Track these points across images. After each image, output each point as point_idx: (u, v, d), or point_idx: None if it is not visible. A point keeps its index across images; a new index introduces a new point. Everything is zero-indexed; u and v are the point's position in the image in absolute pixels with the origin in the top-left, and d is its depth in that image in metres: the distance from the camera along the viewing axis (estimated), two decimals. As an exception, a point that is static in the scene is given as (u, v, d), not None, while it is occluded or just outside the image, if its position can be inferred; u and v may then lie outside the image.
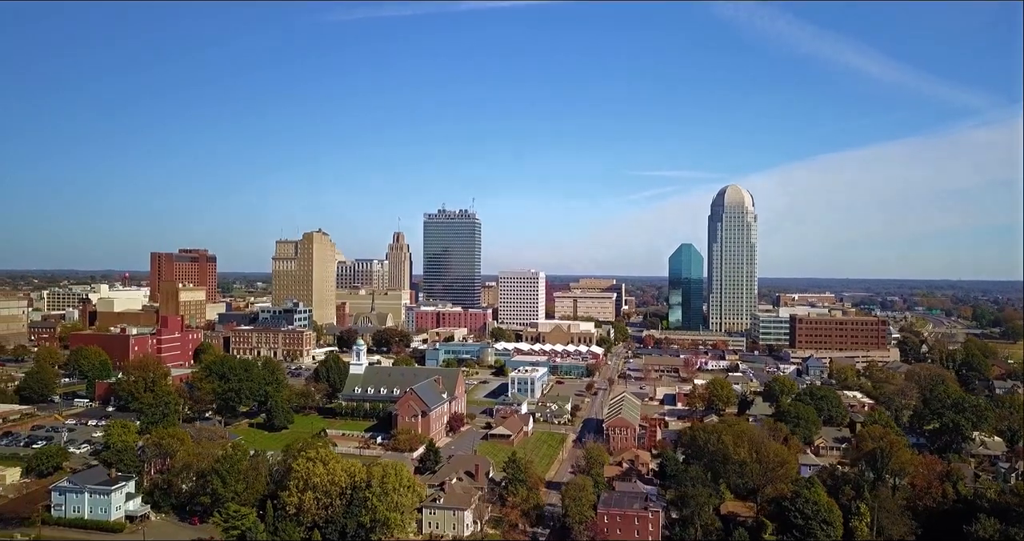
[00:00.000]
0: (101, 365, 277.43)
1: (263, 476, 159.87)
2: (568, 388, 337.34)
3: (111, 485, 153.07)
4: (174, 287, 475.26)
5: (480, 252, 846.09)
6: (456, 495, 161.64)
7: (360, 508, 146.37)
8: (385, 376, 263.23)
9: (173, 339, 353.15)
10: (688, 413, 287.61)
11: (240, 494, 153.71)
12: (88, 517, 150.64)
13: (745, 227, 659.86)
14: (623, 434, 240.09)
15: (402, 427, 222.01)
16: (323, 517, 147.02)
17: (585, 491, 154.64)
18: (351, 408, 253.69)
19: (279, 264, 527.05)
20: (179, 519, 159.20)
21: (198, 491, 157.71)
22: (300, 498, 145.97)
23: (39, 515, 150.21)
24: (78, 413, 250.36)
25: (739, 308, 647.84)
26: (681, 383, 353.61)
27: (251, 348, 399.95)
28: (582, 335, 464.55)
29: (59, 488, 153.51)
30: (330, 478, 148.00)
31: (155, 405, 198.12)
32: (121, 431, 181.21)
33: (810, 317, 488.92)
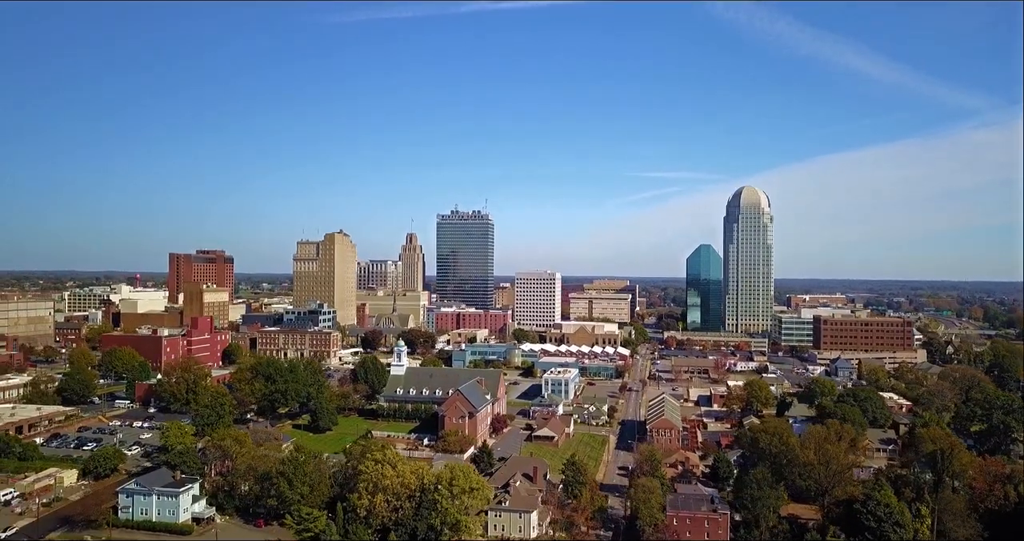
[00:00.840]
0: (140, 367, 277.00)
1: (326, 478, 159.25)
2: (600, 389, 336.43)
3: (179, 487, 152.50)
4: (198, 288, 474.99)
5: (493, 253, 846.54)
6: (521, 497, 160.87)
7: (430, 510, 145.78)
8: (426, 377, 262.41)
9: (203, 340, 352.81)
10: (725, 414, 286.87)
11: (305, 496, 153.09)
12: (156, 519, 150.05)
13: (761, 228, 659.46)
14: (667, 436, 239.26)
15: (449, 428, 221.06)
16: (392, 519, 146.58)
17: (654, 493, 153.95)
18: (393, 409, 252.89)
19: (300, 265, 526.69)
20: (244, 521, 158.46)
21: (263, 493, 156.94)
22: (371, 500, 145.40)
23: (108, 517, 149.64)
24: (120, 414, 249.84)
25: (755, 309, 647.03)
26: (712, 384, 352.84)
27: (278, 349, 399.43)
28: (606, 336, 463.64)
29: (126, 490, 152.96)
30: (400, 480, 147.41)
31: (210, 406, 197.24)
32: (178, 433, 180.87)
33: (835, 318, 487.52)
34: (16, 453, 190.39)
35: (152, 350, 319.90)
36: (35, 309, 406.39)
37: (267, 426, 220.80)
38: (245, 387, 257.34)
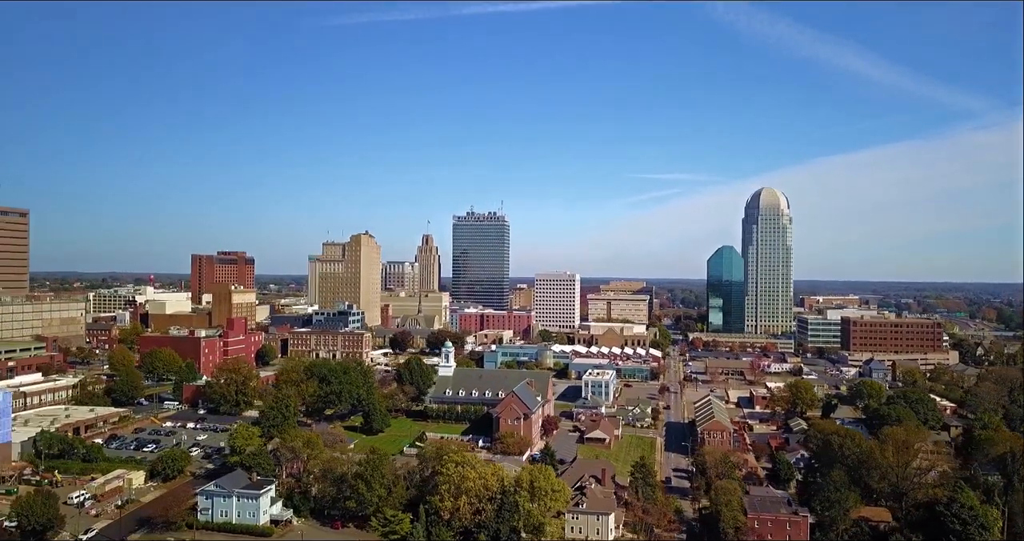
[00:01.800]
0: (187, 368, 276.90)
1: (402, 480, 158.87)
2: (637, 391, 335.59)
3: (259, 489, 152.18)
4: (227, 289, 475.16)
5: (508, 254, 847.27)
6: (598, 499, 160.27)
7: (511, 512, 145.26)
8: (475, 378, 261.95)
9: (239, 341, 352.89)
10: (769, 416, 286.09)
11: (383, 498, 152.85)
12: (236, 521, 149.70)
13: (780, 229, 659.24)
14: (719, 438, 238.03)
15: (505, 430, 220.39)
16: (474, 522, 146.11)
17: (735, 495, 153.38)
18: (442, 410, 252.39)
19: (325, 266, 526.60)
20: (319, 523, 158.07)
21: (339, 495, 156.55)
22: (454, 502, 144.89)
23: (187, 518, 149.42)
24: (170, 416, 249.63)
25: (775, 310, 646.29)
26: (749, 386, 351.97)
27: (309, 350, 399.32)
28: (635, 338, 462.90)
29: (206, 492, 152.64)
30: (483, 482, 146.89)
31: (275, 408, 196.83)
32: (245, 434, 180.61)
33: (864, 320, 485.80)
34: (80, 454, 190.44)
35: (191, 351, 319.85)
36: (67, 310, 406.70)
37: (322, 428, 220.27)
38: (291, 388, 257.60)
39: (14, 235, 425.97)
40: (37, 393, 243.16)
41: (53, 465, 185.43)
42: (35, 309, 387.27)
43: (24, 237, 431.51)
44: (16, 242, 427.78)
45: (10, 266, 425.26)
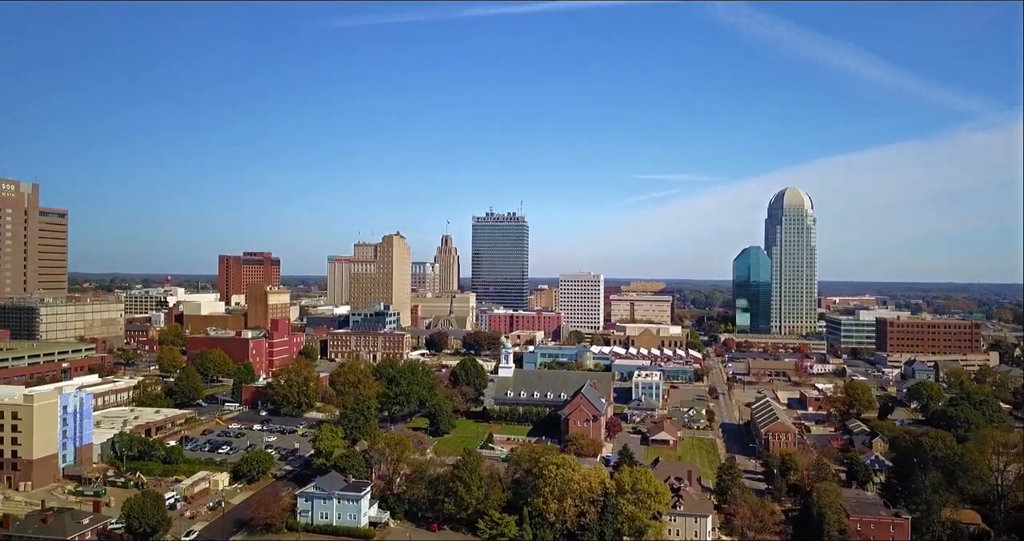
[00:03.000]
0: (246, 369, 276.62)
1: (498, 482, 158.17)
2: (683, 393, 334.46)
3: (359, 491, 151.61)
4: (263, 290, 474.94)
5: (528, 255, 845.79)
6: (694, 501, 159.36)
7: (614, 515, 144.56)
8: (535, 380, 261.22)
9: (283, 342, 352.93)
10: (824, 417, 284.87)
11: (481, 500, 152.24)
12: (337, 523, 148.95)
13: (805, 230, 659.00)
14: (783, 440, 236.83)
15: (575, 432, 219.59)
16: (577, 524, 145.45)
17: (838, 497, 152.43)
18: (504, 412, 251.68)
19: (357, 267, 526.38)
20: (414, 525, 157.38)
21: (436, 497, 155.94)
22: (559, 505, 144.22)
23: (290, 521, 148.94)
24: (233, 417, 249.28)
25: (799, 311, 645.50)
26: (794, 387, 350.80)
27: (349, 351, 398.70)
28: (671, 339, 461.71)
29: (305, 494, 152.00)
30: (587, 484, 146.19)
31: (357, 410, 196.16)
32: (330, 436, 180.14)
33: (900, 321, 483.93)
34: (159, 456, 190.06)
35: (239, 352, 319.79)
36: (107, 311, 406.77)
37: (399, 429, 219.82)
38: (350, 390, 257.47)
39: (54, 236, 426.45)
40: (100, 395, 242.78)
41: (134, 467, 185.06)
42: (77, 310, 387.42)
43: (63, 238, 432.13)
44: (55, 243, 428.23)
45: (50, 267, 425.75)
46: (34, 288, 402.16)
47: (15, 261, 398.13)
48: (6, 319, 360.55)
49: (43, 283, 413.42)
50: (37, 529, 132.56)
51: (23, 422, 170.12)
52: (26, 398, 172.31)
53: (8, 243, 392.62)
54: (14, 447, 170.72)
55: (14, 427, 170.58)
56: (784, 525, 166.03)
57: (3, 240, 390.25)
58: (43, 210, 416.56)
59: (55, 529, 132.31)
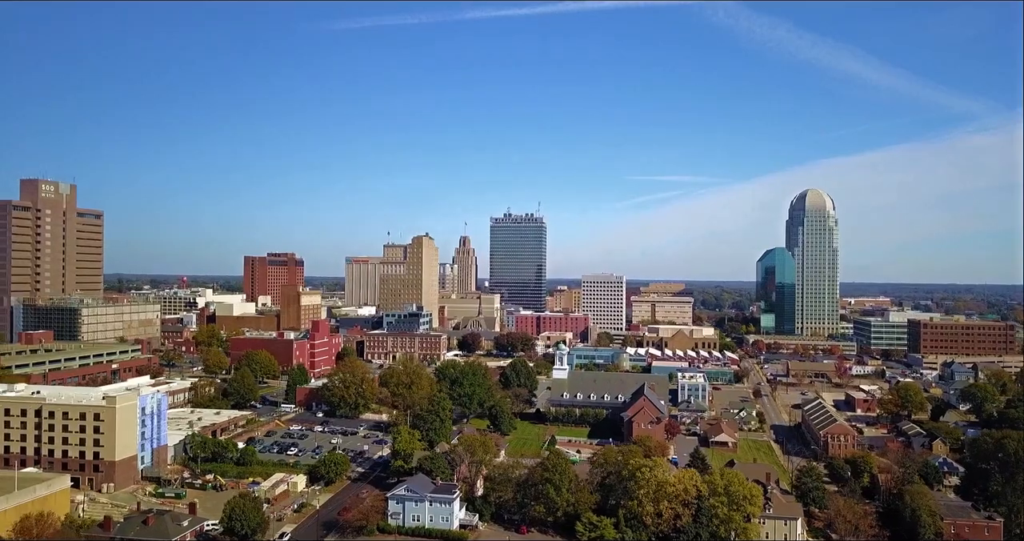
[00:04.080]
0: (299, 370, 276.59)
1: (587, 484, 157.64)
2: (725, 394, 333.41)
3: (450, 493, 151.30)
4: (296, 292, 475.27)
5: (546, 256, 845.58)
6: (783, 504, 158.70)
7: (709, 518, 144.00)
8: (591, 382, 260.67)
9: (324, 344, 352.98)
10: (874, 419, 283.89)
11: (571, 503, 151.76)
12: (429, 525, 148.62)
13: (827, 231, 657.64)
14: (842, 442, 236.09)
15: (638, 434, 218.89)
16: (672, 526, 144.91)
17: (930, 499, 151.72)
18: (560, 413, 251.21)
19: (387, 268, 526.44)
20: (502, 527, 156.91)
21: (526, 500, 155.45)
22: (655, 507, 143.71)
23: (382, 523, 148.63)
24: (290, 418, 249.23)
25: (821, 312, 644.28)
26: (836, 388, 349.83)
27: (386, 352, 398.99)
28: (705, 340, 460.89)
29: (396, 496, 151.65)
30: (683, 487, 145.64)
31: (432, 411, 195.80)
32: (408, 438, 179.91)
33: (934, 322, 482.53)
34: (232, 458, 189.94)
35: (284, 353, 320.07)
36: (144, 312, 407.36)
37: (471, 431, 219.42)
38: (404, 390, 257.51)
39: (90, 236, 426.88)
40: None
41: (207, 468, 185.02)
42: (117, 311, 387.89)
43: (99, 238, 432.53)
44: (92, 243, 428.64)
45: (87, 267, 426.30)
46: (72, 289, 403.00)
47: (54, 262, 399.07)
48: (49, 320, 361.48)
49: (80, 284, 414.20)
50: (139, 531, 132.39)
51: (105, 424, 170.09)
52: (108, 400, 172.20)
53: (48, 244, 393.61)
54: (96, 449, 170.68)
55: (96, 428, 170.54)
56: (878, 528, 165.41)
57: (43, 241, 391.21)
58: (80, 211, 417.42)
59: (157, 531, 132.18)
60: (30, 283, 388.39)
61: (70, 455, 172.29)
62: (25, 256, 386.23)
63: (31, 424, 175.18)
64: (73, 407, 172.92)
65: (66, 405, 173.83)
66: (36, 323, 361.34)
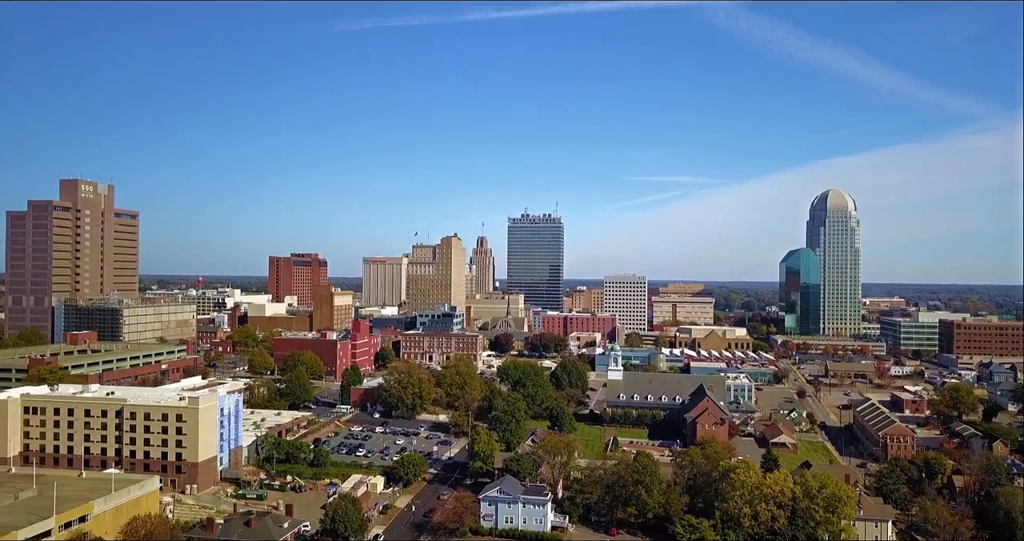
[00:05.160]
0: (353, 371, 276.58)
1: (675, 486, 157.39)
2: (768, 395, 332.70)
3: (542, 495, 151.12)
4: (328, 292, 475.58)
5: (563, 256, 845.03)
6: (872, 506, 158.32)
7: (805, 520, 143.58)
8: (646, 383, 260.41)
9: (364, 344, 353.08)
10: (925, 420, 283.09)
11: (661, 504, 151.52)
12: (522, 527, 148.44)
13: (849, 231, 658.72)
14: (902, 443, 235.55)
15: (703, 435, 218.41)
16: (768, 528, 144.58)
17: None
18: (616, 414, 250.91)
19: (416, 268, 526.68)
20: (590, 529, 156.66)
21: (614, 501, 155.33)
22: (752, 509, 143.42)
23: (473, 524, 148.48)
24: (348, 419, 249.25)
25: (843, 312, 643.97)
26: (878, 389, 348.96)
27: (422, 352, 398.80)
28: (738, 341, 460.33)
29: (489, 498, 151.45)
30: (779, 488, 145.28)
31: (508, 412, 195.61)
32: (487, 439, 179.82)
33: (967, 323, 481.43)
34: (305, 459, 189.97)
35: (328, 354, 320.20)
36: (180, 312, 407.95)
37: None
38: (457, 391, 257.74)
39: (127, 237, 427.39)
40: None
41: (283, 469, 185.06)
42: (156, 311, 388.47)
43: (134, 239, 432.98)
44: (128, 244, 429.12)
45: (123, 268, 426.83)
46: (110, 289, 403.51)
47: (93, 262, 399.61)
48: (90, 320, 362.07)
49: (117, 284, 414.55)
50: (243, 532, 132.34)
51: (188, 424, 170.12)
52: (191, 401, 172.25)
53: (87, 244, 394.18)
54: (178, 450, 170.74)
55: (178, 429, 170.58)
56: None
57: (83, 241, 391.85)
58: (117, 211, 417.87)
59: (260, 532, 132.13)
60: (70, 284, 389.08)
61: (152, 456, 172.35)
62: (65, 257, 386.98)
63: (111, 425, 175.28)
64: (155, 408, 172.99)
65: (148, 406, 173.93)
66: (78, 323, 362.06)
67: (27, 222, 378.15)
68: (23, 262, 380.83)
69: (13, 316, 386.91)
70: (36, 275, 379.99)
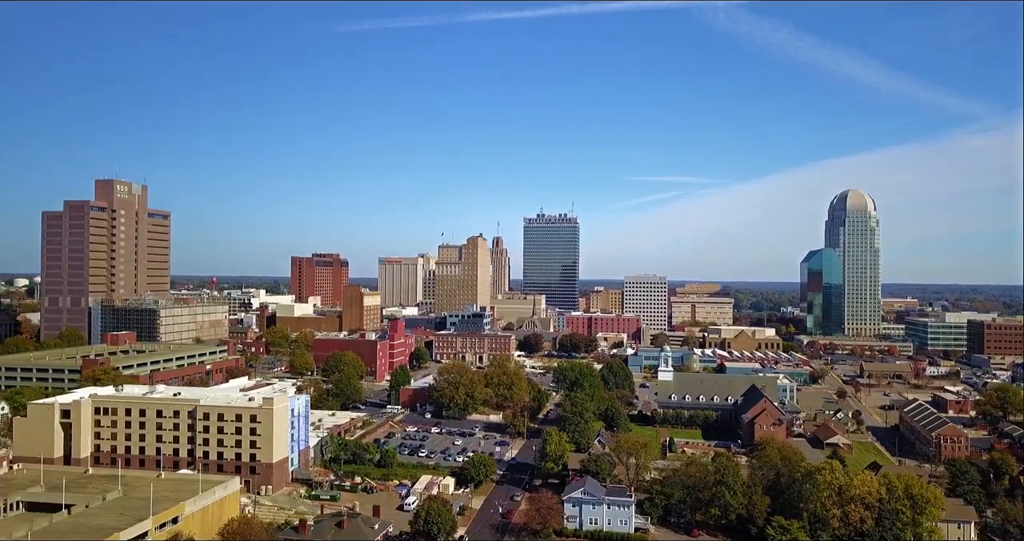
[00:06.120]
0: (402, 371, 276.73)
1: (758, 487, 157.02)
2: (806, 395, 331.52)
3: (625, 496, 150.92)
4: (358, 293, 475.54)
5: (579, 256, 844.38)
6: (954, 507, 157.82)
7: (892, 521, 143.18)
8: (697, 383, 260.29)
9: (402, 344, 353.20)
10: (971, 421, 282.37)
11: (743, 505, 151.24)
12: (607, 529, 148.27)
13: (868, 231, 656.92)
14: (956, 444, 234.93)
15: (761, 436, 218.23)
16: (856, 530, 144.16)
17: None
18: (668, 415, 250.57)
19: (442, 269, 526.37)
20: (672, 531, 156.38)
21: (696, 503, 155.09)
22: (841, 510, 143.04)
23: (558, 525, 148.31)
24: (400, 420, 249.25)
25: (863, 312, 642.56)
26: (915, 389, 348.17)
27: (455, 352, 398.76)
28: (767, 341, 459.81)
29: (573, 499, 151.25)
30: (866, 489, 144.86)
31: (577, 413, 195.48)
32: (558, 440, 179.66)
33: (997, 323, 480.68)
34: (371, 460, 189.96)
35: (368, 354, 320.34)
36: (213, 313, 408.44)
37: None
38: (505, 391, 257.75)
39: (159, 237, 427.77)
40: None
41: (351, 470, 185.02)
42: (190, 312, 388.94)
43: (166, 239, 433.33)
44: (160, 244, 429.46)
45: (156, 268, 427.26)
46: (144, 290, 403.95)
47: (127, 263, 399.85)
48: (128, 321, 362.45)
49: (150, 284, 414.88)
50: (336, 533, 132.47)
51: (262, 425, 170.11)
52: (265, 401, 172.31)
53: (122, 244, 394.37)
54: (252, 450, 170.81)
55: (252, 430, 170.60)
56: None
57: (118, 241, 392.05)
58: (150, 211, 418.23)
59: (353, 533, 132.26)
60: (105, 284, 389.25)
61: (225, 457, 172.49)
62: (101, 257, 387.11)
63: (184, 426, 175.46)
64: (229, 408, 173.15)
65: (222, 407, 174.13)
66: (115, 324, 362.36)
67: (63, 222, 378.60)
68: (59, 262, 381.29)
69: (49, 316, 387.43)
70: (73, 276, 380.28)
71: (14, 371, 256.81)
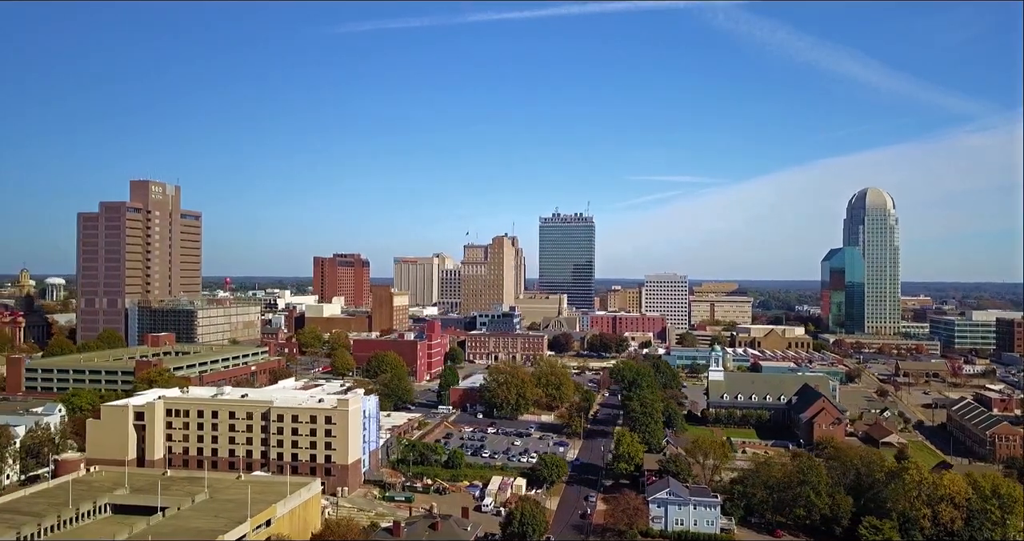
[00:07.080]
0: (450, 372, 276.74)
1: (840, 486, 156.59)
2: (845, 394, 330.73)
3: (709, 496, 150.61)
4: (388, 293, 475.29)
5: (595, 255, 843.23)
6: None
7: (981, 522, 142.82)
8: (748, 383, 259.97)
9: (439, 344, 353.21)
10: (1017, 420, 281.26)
11: (830, 506, 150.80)
12: (693, 529, 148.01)
13: (888, 230, 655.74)
14: (1010, 442, 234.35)
15: (819, 436, 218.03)
16: (945, 530, 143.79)
17: None
18: (721, 415, 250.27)
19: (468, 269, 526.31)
20: (754, 532, 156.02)
21: (780, 503, 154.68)
22: (932, 510, 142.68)
23: (643, 526, 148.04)
24: (453, 420, 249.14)
25: (883, 311, 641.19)
26: (954, 388, 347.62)
27: (487, 352, 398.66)
28: (797, 340, 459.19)
29: (658, 500, 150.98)
30: (956, 488, 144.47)
31: (647, 413, 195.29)
32: (629, 441, 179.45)
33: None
34: (438, 461, 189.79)
35: (408, 354, 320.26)
36: (246, 313, 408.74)
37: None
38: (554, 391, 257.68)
39: (191, 238, 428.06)
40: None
41: (419, 471, 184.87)
42: (225, 313, 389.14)
43: (198, 240, 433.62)
44: (192, 244, 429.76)
45: (188, 269, 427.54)
46: (177, 291, 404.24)
47: (162, 263, 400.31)
48: (164, 322, 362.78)
49: (183, 285, 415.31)
50: (431, 535, 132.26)
51: (337, 426, 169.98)
52: (340, 402, 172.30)
53: (157, 245, 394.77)
54: (328, 452, 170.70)
55: (327, 432, 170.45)
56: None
57: (153, 242, 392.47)
58: (183, 212, 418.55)
59: (447, 534, 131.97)
60: (141, 285, 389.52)
61: (300, 459, 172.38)
62: (136, 258, 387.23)
63: (256, 427, 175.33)
64: (303, 410, 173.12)
65: (296, 408, 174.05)
66: (152, 325, 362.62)
67: (99, 223, 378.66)
68: (95, 264, 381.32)
69: (86, 318, 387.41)
70: (109, 277, 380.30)
71: (66, 373, 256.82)
